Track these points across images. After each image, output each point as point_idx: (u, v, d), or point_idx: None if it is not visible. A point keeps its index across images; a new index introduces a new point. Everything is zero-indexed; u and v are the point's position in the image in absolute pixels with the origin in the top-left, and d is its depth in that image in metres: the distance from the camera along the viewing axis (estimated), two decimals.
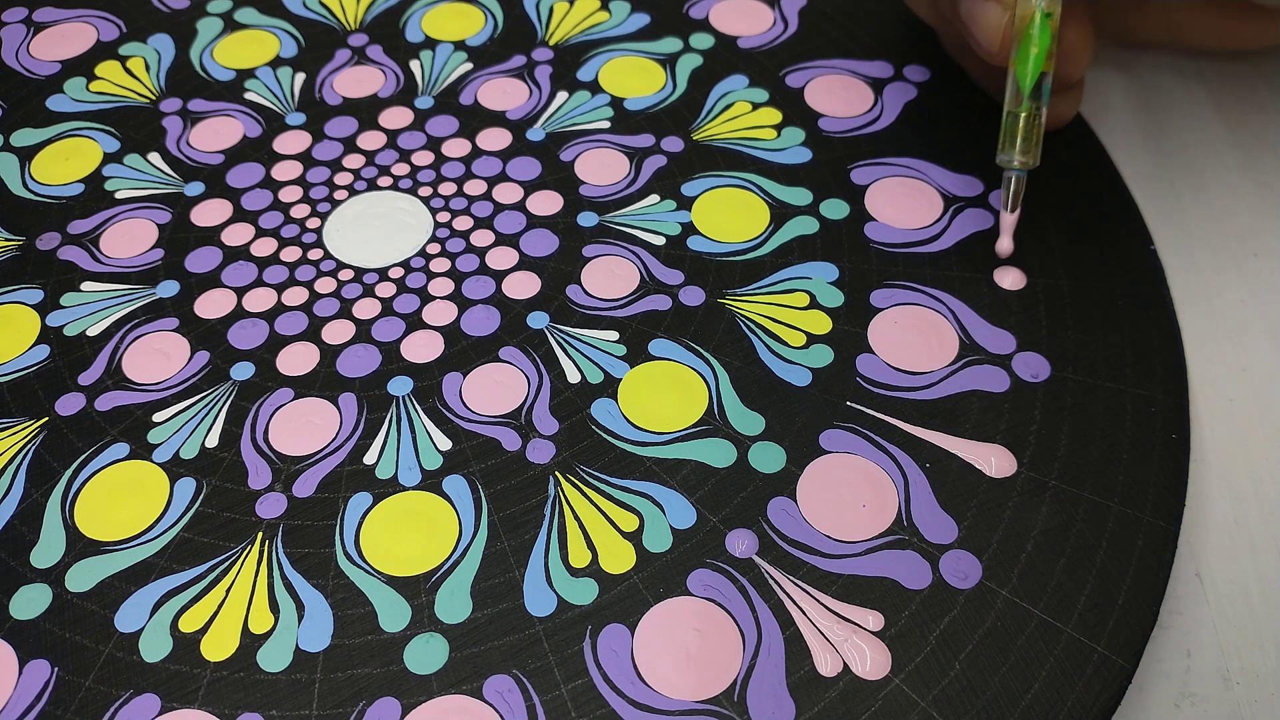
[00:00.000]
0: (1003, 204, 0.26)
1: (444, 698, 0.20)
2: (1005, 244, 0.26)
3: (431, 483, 0.23)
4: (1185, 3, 0.30)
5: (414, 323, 0.26)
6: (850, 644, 0.21)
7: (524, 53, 0.33)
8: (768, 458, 0.23)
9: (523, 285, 0.27)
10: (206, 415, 0.25)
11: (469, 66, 0.32)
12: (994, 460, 0.23)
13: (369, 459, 0.24)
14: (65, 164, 0.30)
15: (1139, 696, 0.22)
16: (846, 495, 0.23)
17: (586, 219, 0.28)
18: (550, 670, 0.21)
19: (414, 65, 0.32)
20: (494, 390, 0.25)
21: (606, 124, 0.30)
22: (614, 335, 0.26)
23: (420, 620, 0.21)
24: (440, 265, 0.27)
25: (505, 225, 0.28)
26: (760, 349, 0.25)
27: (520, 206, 0.28)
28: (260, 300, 0.27)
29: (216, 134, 0.31)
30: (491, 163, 0.30)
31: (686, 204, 0.28)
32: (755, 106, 0.31)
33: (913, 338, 0.25)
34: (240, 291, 0.27)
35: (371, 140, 0.30)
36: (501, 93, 0.31)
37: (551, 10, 0.34)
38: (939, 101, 0.31)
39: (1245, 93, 0.33)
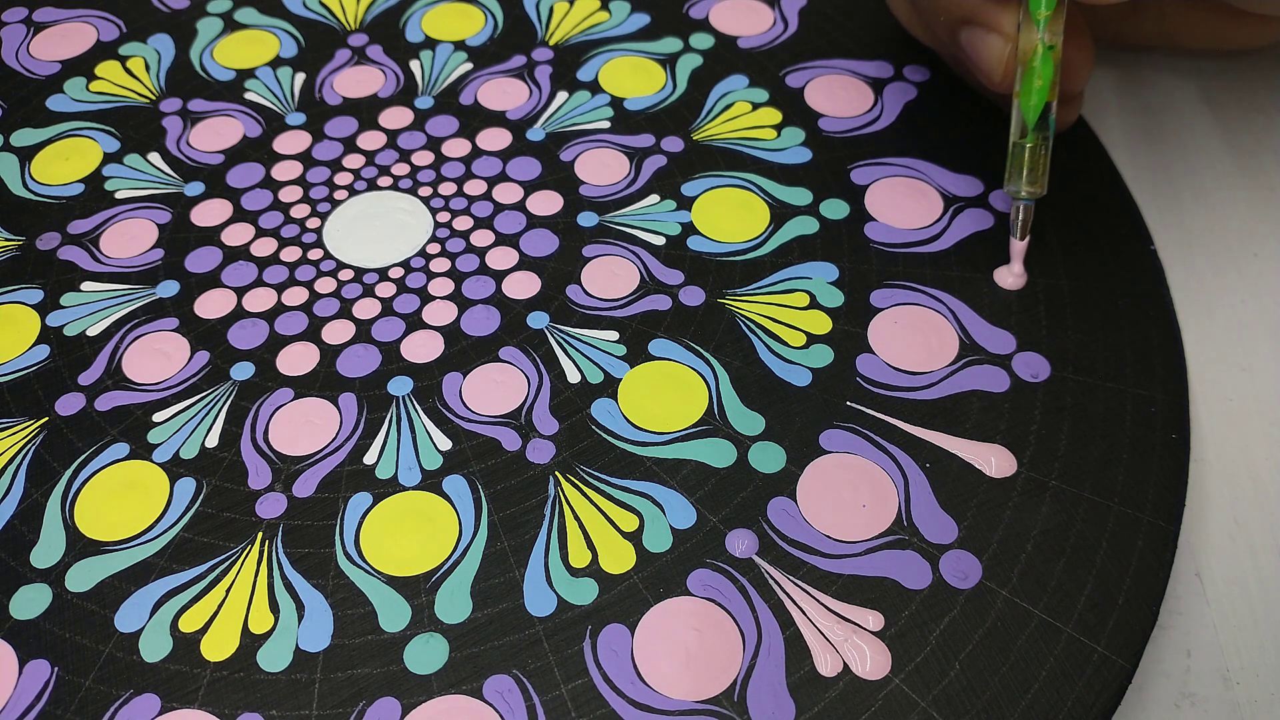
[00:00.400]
0: (1012, 232, 0.26)
1: (444, 698, 0.20)
2: (1016, 268, 0.26)
3: (431, 483, 0.23)
4: (1178, 7, 0.30)
5: (414, 323, 0.26)
6: (850, 644, 0.21)
7: (524, 53, 0.33)
8: (768, 458, 0.23)
9: (523, 285, 0.27)
10: (206, 415, 0.25)
11: (469, 66, 0.32)
12: (994, 460, 0.23)
13: (369, 459, 0.24)
14: (65, 164, 0.30)
15: (1139, 696, 0.22)
16: (846, 495, 0.23)
17: (586, 219, 0.28)
18: (550, 670, 0.21)
19: (414, 65, 0.32)
20: (494, 390, 0.25)
21: (606, 124, 0.30)
22: (614, 335, 0.26)
23: (420, 620, 0.21)
24: (440, 265, 0.27)
25: (505, 225, 0.28)
26: (760, 349, 0.25)
27: (520, 206, 0.28)
28: (260, 300, 0.27)
29: (216, 134, 0.31)
30: (491, 163, 0.30)
31: (686, 204, 0.28)
32: (755, 106, 0.31)
33: (913, 338, 0.25)
34: (240, 291, 0.27)
35: (371, 140, 0.30)
36: (501, 93, 0.31)
37: (551, 10, 0.34)
38: (939, 101, 0.31)
39: (1245, 93, 0.33)
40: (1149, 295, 0.26)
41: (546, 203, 0.28)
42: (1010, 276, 0.26)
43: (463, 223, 0.28)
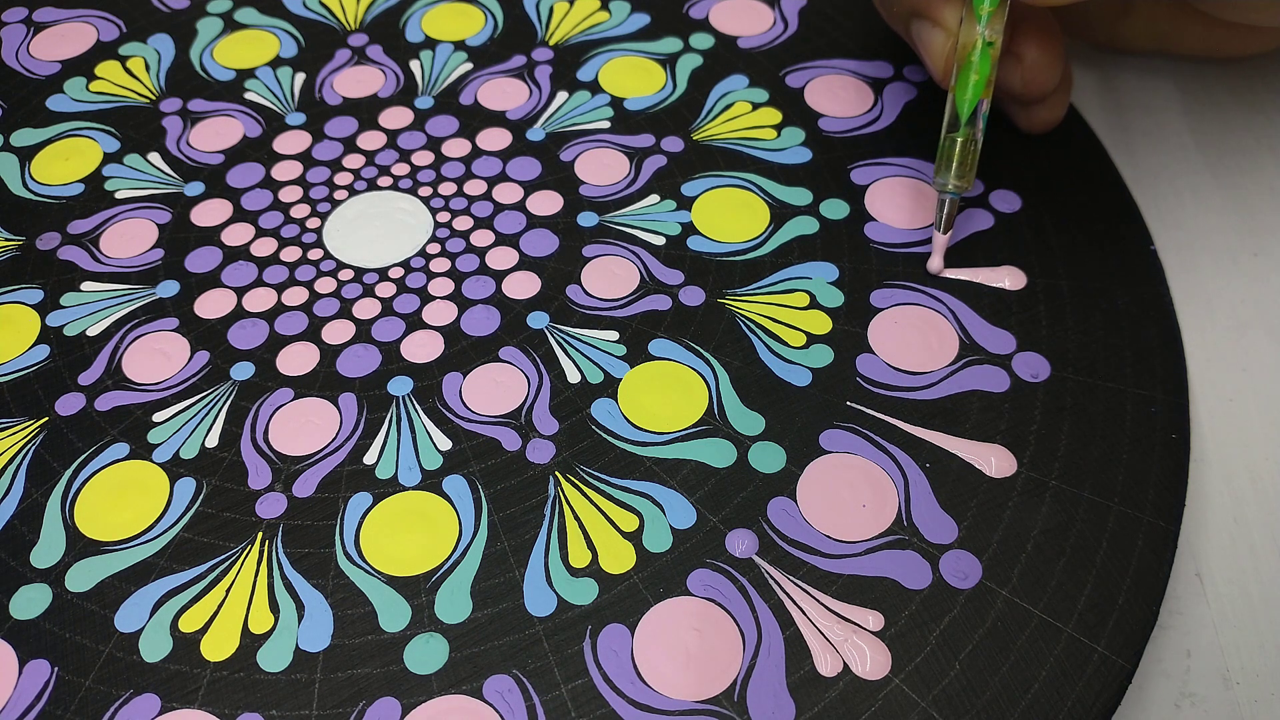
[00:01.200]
0: (936, 225, 0.26)
1: (444, 698, 0.20)
2: (936, 263, 0.26)
3: (431, 483, 0.23)
4: (1171, 13, 0.30)
5: (414, 323, 0.26)
6: (850, 644, 0.21)
7: (524, 53, 0.33)
8: (768, 458, 0.23)
9: (523, 285, 0.27)
10: (206, 415, 0.25)
11: (469, 66, 0.32)
12: (994, 460, 0.23)
13: (369, 459, 0.24)
14: (65, 164, 0.30)
15: (1139, 696, 0.22)
16: (846, 495, 0.23)
17: (586, 219, 0.28)
18: (550, 670, 0.21)
19: (414, 65, 0.32)
20: (494, 390, 0.25)
21: (606, 124, 0.30)
22: (614, 335, 0.26)
23: (420, 620, 0.21)
24: (440, 265, 0.27)
25: (505, 225, 0.28)
26: (760, 349, 0.25)
27: (520, 206, 0.28)
28: (260, 300, 0.27)
29: (216, 134, 0.31)
30: (491, 163, 0.30)
31: (686, 204, 0.28)
32: (755, 106, 0.31)
33: (913, 338, 0.25)
34: (240, 291, 0.27)
35: (371, 140, 0.30)
36: (501, 93, 0.31)
37: (551, 10, 0.34)
38: (939, 101, 0.30)
39: (1245, 93, 0.33)
40: (1149, 295, 0.26)
41: (546, 203, 0.28)
42: (1008, 277, 0.26)
43: (463, 223, 0.28)
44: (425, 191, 0.29)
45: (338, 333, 0.26)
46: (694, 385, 0.25)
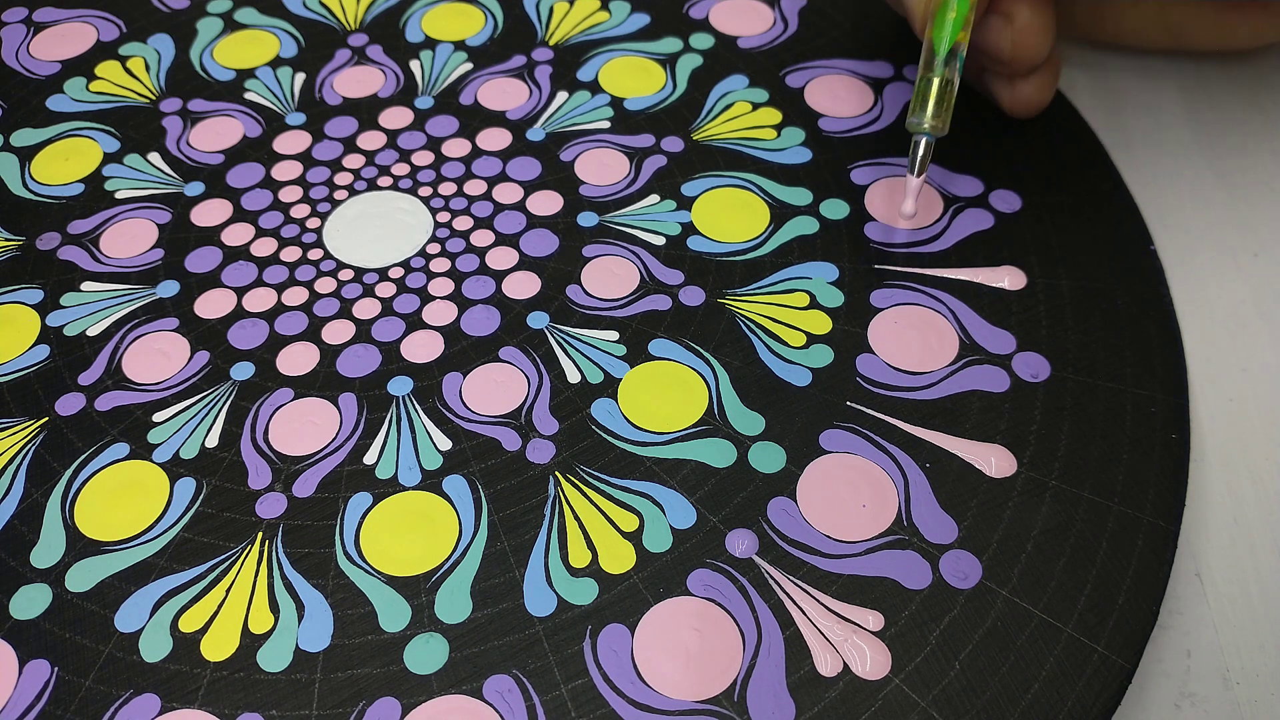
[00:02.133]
0: (910, 167, 0.25)
1: (444, 698, 0.20)
2: (909, 206, 0.26)
3: (431, 483, 0.23)
4: (1181, 1, 0.30)
5: (414, 323, 0.26)
6: (850, 644, 0.21)
7: (524, 53, 0.33)
8: (768, 458, 0.23)
9: (523, 285, 0.27)
10: (206, 415, 0.25)
11: (469, 66, 0.32)
12: (994, 460, 0.23)
13: (369, 459, 0.24)
14: (65, 164, 0.30)
15: (1139, 696, 0.22)
16: (846, 495, 0.23)
17: (586, 219, 0.28)
18: (550, 670, 0.21)
19: (414, 65, 0.32)
20: (494, 390, 0.25)
21: (606, 124, 0.30)
22: (614, 335, 0.26)
23: (420, 620, 0.21)
24: (440, 265, 0.27)
25: (505, 225, 0.28)
26: (760, 349, 0.25)
27: (520, 206, 0.28)
28: (260, 300, 0.27)
29: (216, 134, 0.31)
30: (491, 163, 0.30)
31: (686, 204, 0.28)
32: (755, 106, 0.31)
33: (913, 338, 0.25)
34: (240, 291, 0.27)
35: (371, 140, 0.30)
36: (501, 93, 0.31)
37: (551, 10, 0.34)
38: None
39: (1246, 93, 0.33)
40: (1149, 295, 0.26)
41: (546, 203, 0.28)
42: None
43: (463, 223, 0.28)
44: (425, 191, 0.29)
45: (338, 333, 0.26)
46: (694, 385, 0.25)
